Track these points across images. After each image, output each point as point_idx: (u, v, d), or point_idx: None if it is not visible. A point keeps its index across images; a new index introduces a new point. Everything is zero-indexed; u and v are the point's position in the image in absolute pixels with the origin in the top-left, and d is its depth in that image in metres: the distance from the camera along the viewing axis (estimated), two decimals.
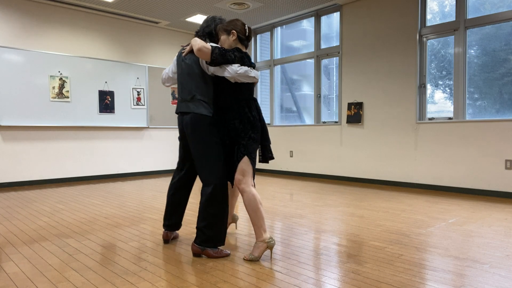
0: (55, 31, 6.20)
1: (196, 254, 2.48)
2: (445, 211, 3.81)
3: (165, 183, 6.11)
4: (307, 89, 7.24)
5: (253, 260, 2.39)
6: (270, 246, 2.41)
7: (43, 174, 6.08)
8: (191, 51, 2.52)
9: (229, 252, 2.51)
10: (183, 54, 2.54)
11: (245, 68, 2.41)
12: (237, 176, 2.44)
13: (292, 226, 3.24)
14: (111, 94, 6.71)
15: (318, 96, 6.74)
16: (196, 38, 2.45)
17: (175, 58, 2.69)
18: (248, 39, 2.56)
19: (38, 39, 6.04)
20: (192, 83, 2.49)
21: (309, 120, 7.12)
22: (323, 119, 6.74)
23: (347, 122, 6.18)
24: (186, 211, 3.89)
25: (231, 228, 3.17)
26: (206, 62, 2.43)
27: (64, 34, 6.29)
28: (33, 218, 3.63)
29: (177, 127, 7.48)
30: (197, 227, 2.45)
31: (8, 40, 5.76)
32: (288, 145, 7.15)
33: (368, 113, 5.94)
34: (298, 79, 7.51)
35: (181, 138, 2.66)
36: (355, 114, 6.07)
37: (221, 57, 2.36)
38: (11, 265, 2.34)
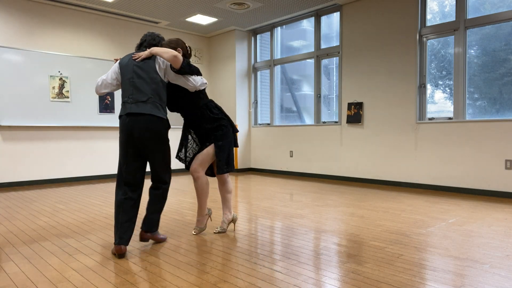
0: (55, 31, 6.20)
1: (144, 239, 2.71)
2: (445, 211, 3.81)
3: None
4: (307, 89, 7.24)
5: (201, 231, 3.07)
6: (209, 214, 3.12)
7: (43, 174, 6.08)
8: (148, 58, 2.64)
9: (165, 236, 2.86)
10: (137, 59, 2.61)
11: (199, 79, 2.83)
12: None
13: (292, 226, 3.24)
14: (111, 94, 6.70)
15: (318, 96, 6.74)
16: (162, 48, 2.65)
17: (115, 65, 2.71)
18: (189, 56, 2.93)
19: (38, 39, 6.04)
20: (148, 87, 2.57)
21: (309, 120, 7.12)
22: (323, 119, 6.74)
23: (347, 122, 6.18)
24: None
25: (230, 228, 3.17)
26: (172, 69, 2.67)
27: (64, 34, 6.30)
28: (33, 218, 3.63)
29: (176, 127, 7.54)
30: (150, 216, 2.69)
31: (8, 40, 5.76)
32: (288, 145, 7.15)
33: (368, 113, 5.94)
34: (298, 79, 7.51)
35: (126, 142, 2.55)
36: (355, 114, 6.07)
37: (188, 68, 2.70)
38: (11, 265, 2.34)
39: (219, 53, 8.03)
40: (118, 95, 6.76)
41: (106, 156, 6.74)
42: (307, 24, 7.10)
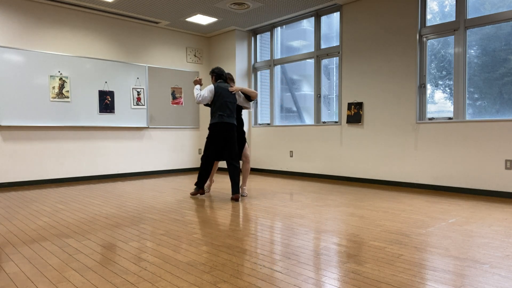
0: (55, 31, 6.20)
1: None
2: (445, 211, 3.81)
3: (165, 183, 6.11)
4: (307, 89, 7.24)
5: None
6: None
7: (43, 174, 6.08)
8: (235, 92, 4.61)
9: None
10: (233, 91, 4.54)
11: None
12: (247, 153, 4.76)
13: (292, 226, 3.24)
14: (111, 94, 6.71)
15: (318, 96, 6.74)
16: (246, 88, 4.76)
17: (212, 89, 4.50)
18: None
19: (38, 39, 6.04)
20: (233, 107, 4.51)
21: (309, 120, 7.12)
22: (323, 119, 6.74)
23: (347, 122, 6.18)
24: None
25: (230, 227, 3.17)
26: (248, 99, 4.71)
27: (64, 34, 6.29)
28: (33, 218, 3.63)
29: (177, 127, 7.64)
30: (236, 184, 4.46)
31: (8, 40, 5.76)
32: (288, 145, 7.15)
33: (368, 113, 5.94)
34: (298, 79, 7.51)
35: (218, 138, 4.42)
36: (355, 114, 6.07)
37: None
38: (11, 265, 2.34)
39: (219, 53, 8.04)
40: (118, 97, 6.77)
41: (106, 156, 6.74)
42: (307, 24, 7.10)
